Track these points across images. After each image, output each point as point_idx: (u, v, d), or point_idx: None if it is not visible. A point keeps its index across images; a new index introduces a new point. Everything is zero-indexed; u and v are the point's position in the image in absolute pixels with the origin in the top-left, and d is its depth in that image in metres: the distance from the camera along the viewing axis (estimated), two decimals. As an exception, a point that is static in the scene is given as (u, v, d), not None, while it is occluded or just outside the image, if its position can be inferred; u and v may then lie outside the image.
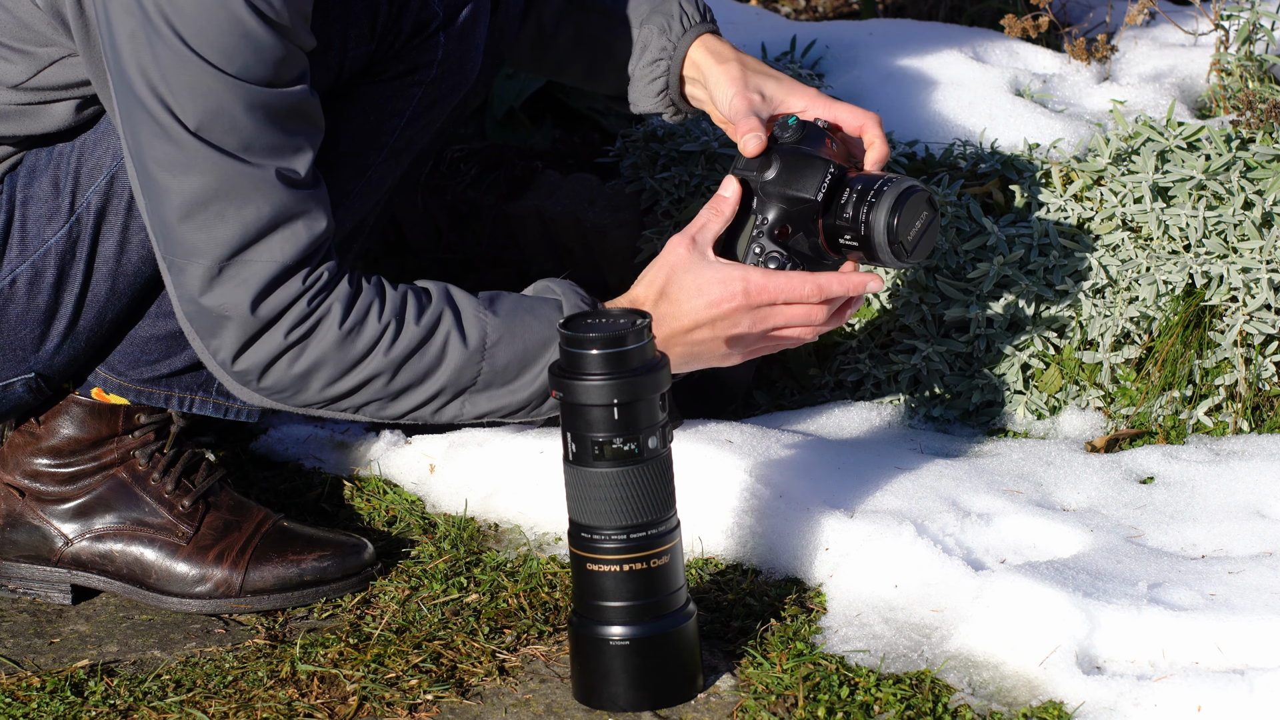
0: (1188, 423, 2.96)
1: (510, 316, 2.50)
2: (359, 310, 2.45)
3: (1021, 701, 2.36)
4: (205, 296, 2.42)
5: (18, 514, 2.73)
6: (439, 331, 2.48)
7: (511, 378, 2.50)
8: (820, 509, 2.69)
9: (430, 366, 2.48)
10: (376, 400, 2.50)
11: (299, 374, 2.46)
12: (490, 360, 2.49)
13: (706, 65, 2.72)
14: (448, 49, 2.60)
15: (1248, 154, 2.97)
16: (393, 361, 2.47)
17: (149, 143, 2.38)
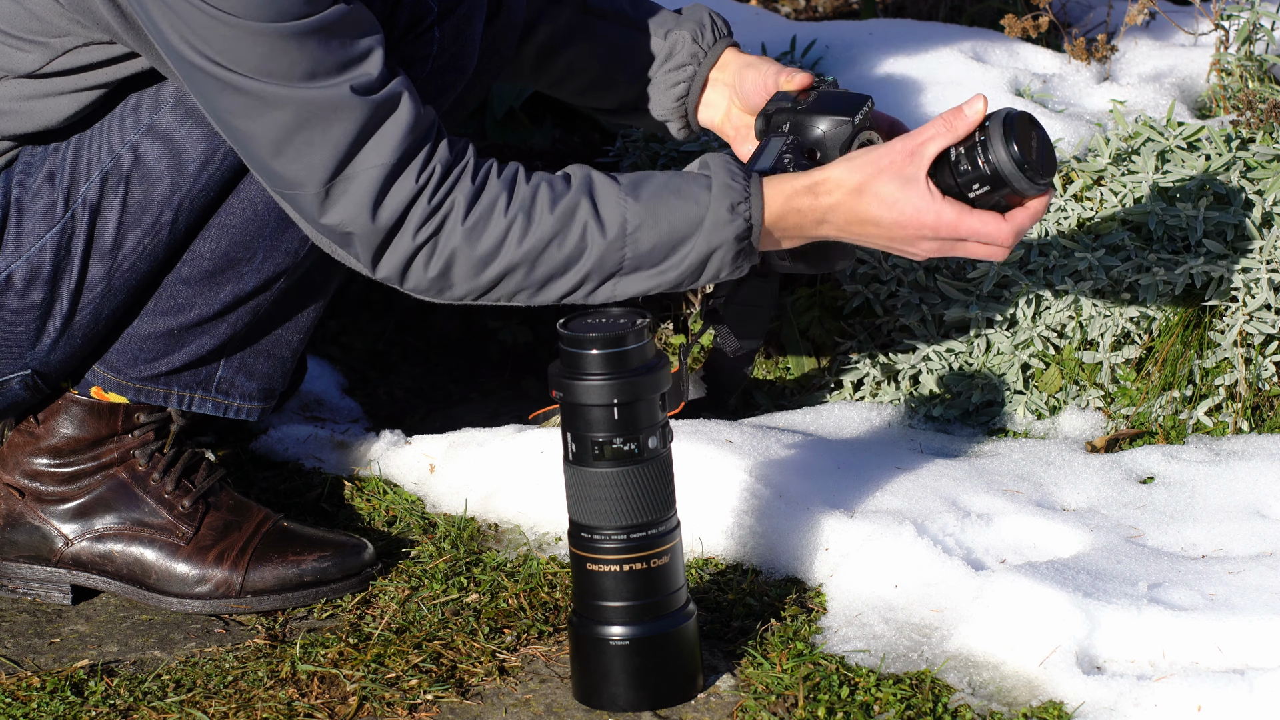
0: (1188, 423, 2.96)
1: (653, 200, 2.46)
2: (484, 205, 2.43)
3: (1021, 701, 2.36)
4: (324, 219, 2.42)
5: (18, 514, 2.73)
6: (575, 221, 2.45)
7: (659, 259, 2.47)
8: (820, 509, 2.69)
9: (570, 257, 2.45)
10: (524, 290, 2.48)
11: (437, 273, 2.45)
12: (634, 246, 2.45)
13: (737, 63, 2.77)
14: (443, 44, 2.60)
15: (1248, 154, 2.97)
16: (527, 254, 2.44)
17: (217, 98, 2.40)
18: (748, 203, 2.45)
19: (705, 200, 2.45)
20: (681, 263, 2.47)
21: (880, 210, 2.48)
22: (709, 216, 2.45)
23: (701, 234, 2.45)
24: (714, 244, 2.45)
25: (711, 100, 2.80)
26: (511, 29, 2.76)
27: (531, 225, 2.44)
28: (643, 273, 2.47)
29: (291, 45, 2.35)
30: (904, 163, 2.48)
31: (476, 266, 2.45)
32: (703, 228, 2.45)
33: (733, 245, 2.46)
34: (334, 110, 2.37)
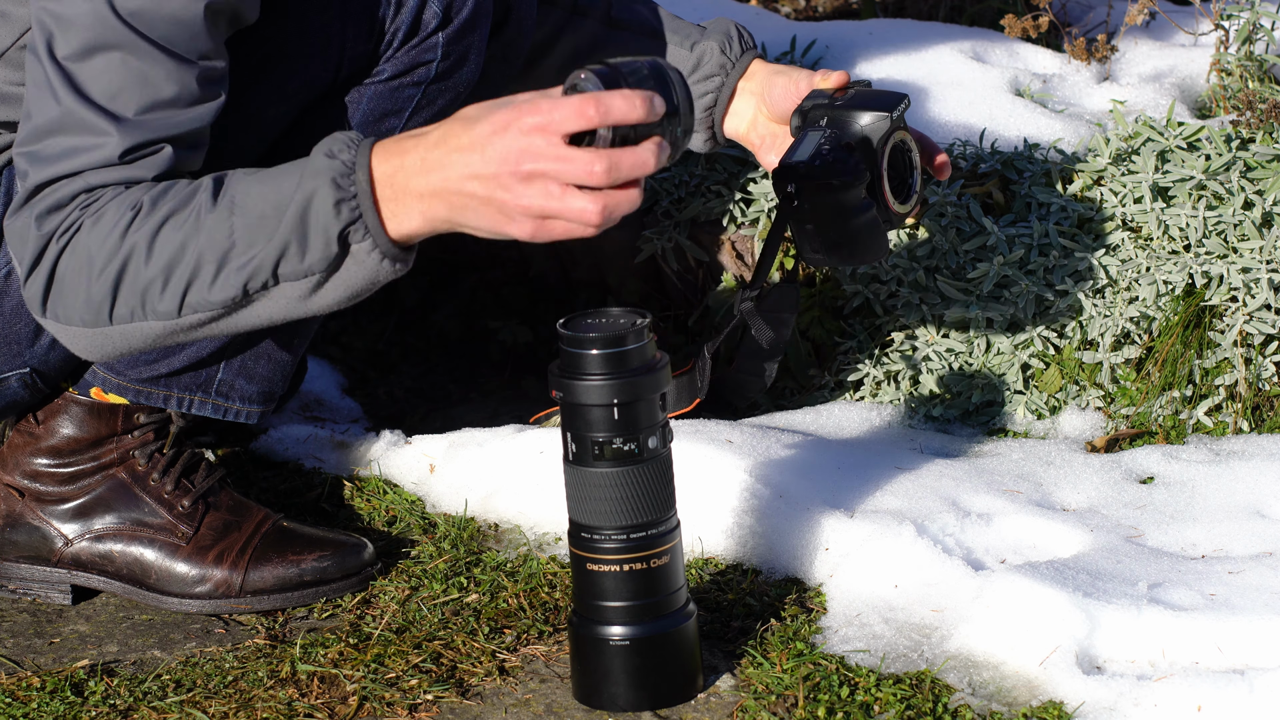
0: (1188, 423, 2.96)
1: (260, 174, 2.32)
2: (119, 199, 2.35)
3: (1021, 701, 2.36)
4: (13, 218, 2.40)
5: (17, 514, 2.73)
6: (192, 201, 2.33)
7: (268, 227, 2.28)
8: (820, 509, 2.69)
9: (186, 234, 2.31)
10: (151, 287, 2.33)
11: (71, 278, 2.35)
12: (242, 213, 2.30)
13: (765, 71, 2.77)
14: (446, 50, 2.60)
15: (1248, 154, 2.97)
16: (147, 234, 2.32)
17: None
18: (351, 149, 2.27)
19: (304, 162, 2.30)
20: (288, 224, 2.27)
21: (469, 128, 2.23)
22: (307, 166, 2.29)
23: (301, 183, 2.28)
24: (310, 190, 2.26)
25: (738, 110, 2.80)
26: (521, 38, 2.76)
27: (154, 209, 2.34)
28: (256, 247, 2.29)
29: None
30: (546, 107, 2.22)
31: (103, 262, 2.34)
32: (301, 179, 2.28)
33: (330, 190, 2.25)
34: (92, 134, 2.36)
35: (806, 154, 2.58)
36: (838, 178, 2.57)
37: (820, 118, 2.64)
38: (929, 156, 2.75)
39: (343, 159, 2.26)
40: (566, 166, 2.18)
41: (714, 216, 3.27)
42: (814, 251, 2.65)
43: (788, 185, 2.60)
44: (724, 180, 3.27)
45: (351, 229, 2.27)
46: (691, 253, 3.28)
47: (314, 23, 2.52)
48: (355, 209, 2.26)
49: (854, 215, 2.60)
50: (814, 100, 2.66)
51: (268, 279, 2.31)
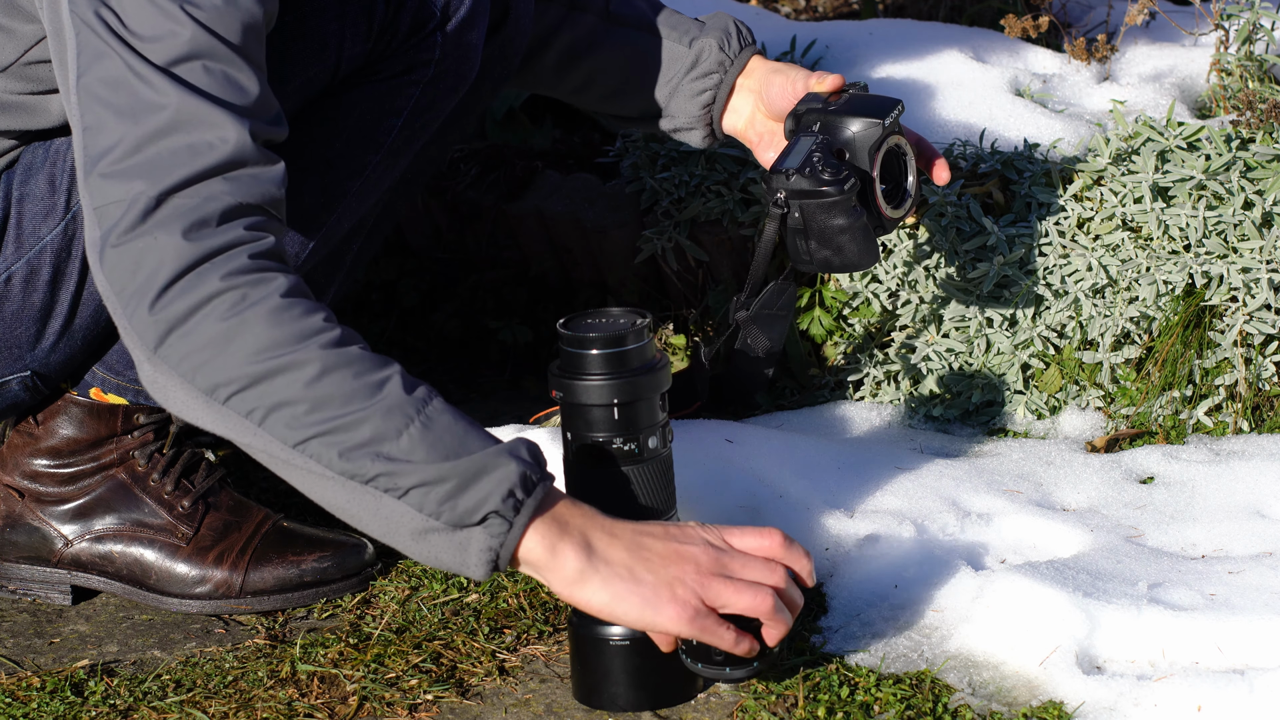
0: (1188, 423, 2.96)
1: (459, 411, 2.20)
2: (307, 301, 2.18)
3: (1021, 701, 2.36)
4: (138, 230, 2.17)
5: (17, 515, 2.73)
6: (384, 368, 2.18)
7: (439, 455, 2.14)
8: (820, 509, 2.69)
9: (359, 391, 2.15)
10: (290, 404, 2.14)
11: (220, 333, 2.13)
12: (424, 422, 2.15)
13: (764, 69, 2.78)
14: (445, 49, 2.60)
15: (1248, 154, 2.97)
16: (326, 360, 2.15)
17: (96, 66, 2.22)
18: (542, 471, 2.19)
19: (505, 439, 2.20)
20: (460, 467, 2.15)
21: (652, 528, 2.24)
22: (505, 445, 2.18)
23: (491, 451, 2.16)
24: (499, 462, 2.16)
25: (736, 106, 2.81)
26: (519, 36, 2.76)
27: (340, 343, 2.17)
28: (415, 458, 2.14)
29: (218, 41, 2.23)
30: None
31: (259, 348, 2.14)
32: (493, 449, 2.16)
33: (514, 476, 2.16)
34: (212, 126, 2.20)
35: (797, 161, 2.60)
36: (827, 186, 2.58)
37: (813, 122, 2.64)
38: (927, 161, 2.75)
39: (534, 476, 2.18)
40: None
41: (714, 216, 3.27)
42: (804, 258, 2.65)
43: (778, 192, 2.61)
44: (724, 180, 3.27)
45: (498, 517, 2.16)
46: (691, 253, 3.28)
47: (311, 24, 2.52)
48: (518, 507, 2.16)
49: (844, 223, 2.60)
50: (808, 104, 2.66)
51: (399, 488, 2.16)
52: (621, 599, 2.19)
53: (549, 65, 2.86)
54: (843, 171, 2.59)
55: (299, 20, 2.52)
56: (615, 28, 2.84)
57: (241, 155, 2.20)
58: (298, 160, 2.59)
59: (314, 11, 2.52)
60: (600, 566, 2.19)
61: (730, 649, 2.23)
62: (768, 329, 2.81)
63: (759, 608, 2.22)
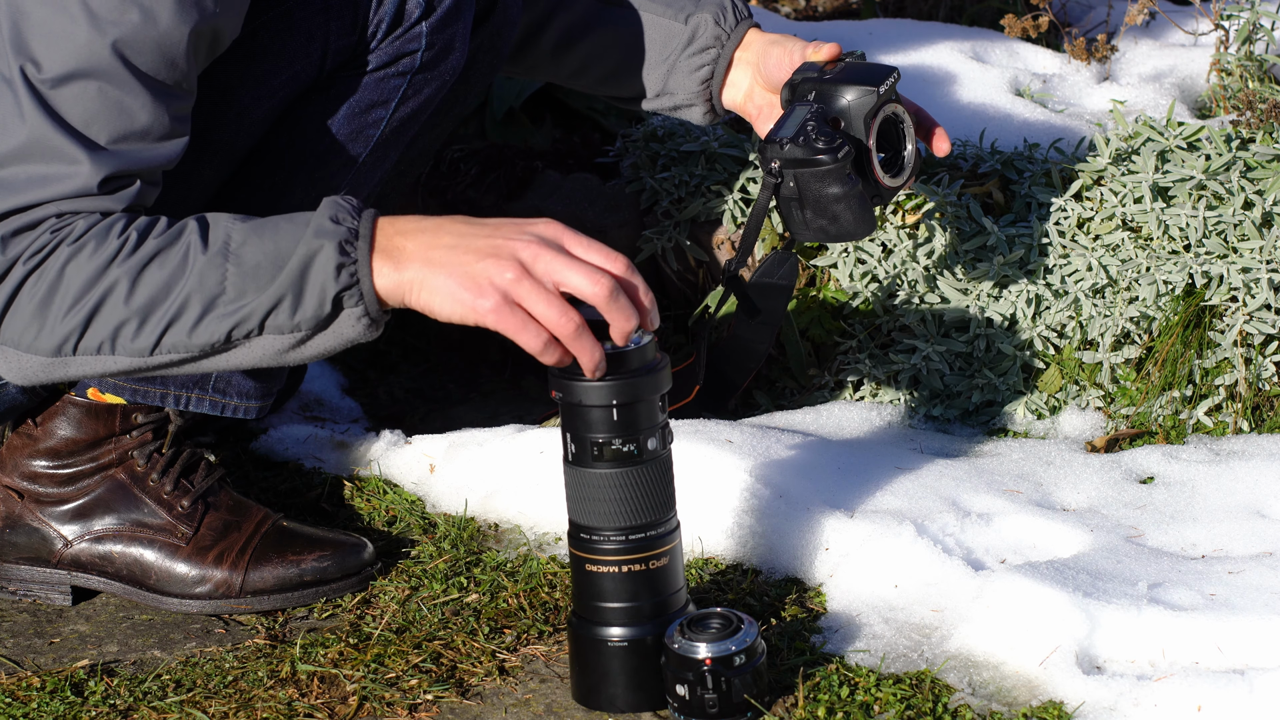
0: (1188, 423, 2.96)
1: (261, 223, 2.29)
2: (98, 228, 2.28)
3: (1021, 701, 2.36)
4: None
5: (17, 516, 2.73)
6: (179, 241, 2.27)
7: (265, 279, 2.26)
8: (820, 509, 2.69)
9: (171, 275, 2.27)
10: (126, 324, 2.28)
11: (38, 303, 2.28)
12: (236, 261, 2.26)
13: (761, 41, 2.77)
14: (430, 40, 2.60)
15: (1248, 154, 2.97)
16: (129, 271, 2.26)
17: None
18: (355, 216, 2.27)
19: (309, 218, 2.28)
20: (285, 279, 2.26)
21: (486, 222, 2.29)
22: (311, 225, 2.27)
23: (304, 241, 2.26)
24: (313, 249, 2.25)
25: (735, 80, 2.80)
26: (508, 27, 2.76)
27: (141, 243, 2.28)
28: (247, 298, 2.27)
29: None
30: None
31: (79, 288, 2.28)
32: (304, 237, 2.26)
33: (335, 252, 2.25)
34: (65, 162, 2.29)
35: (791, 130, 2.60)
36: (822, 154, 2.58)
37: (809, 91, 2.64)
38: (926, 131, 2.75)
39: (348, 225, 2.26)
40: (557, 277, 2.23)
41: (714, 216, 3.27)
42: (800, 227, 2.65)
43: (772, 162, 2.61)
44: (724, 180, 3.27)
45: (347, 293, 2.26)
46: (691, 253, 3.28)
47: (297, 18, 2.53)
48: (354, 275, 2.25)
49: (839, 191, 2.60)
50: (804, 73, 2.66)
51: (253, 329, 2.28)
52: (435, 292, 2.24)
53: (545, 50, 2.86)
54: (836, 140, 2.59)
55: (284, 15, 2.52)
56: (610, 8, 2.83)
57: (84, 193, 2.29)
58: (286, 155, 2.60)
59: (299, 5, 2.52)
60: (435, 268, 2.24)
61: (537, 354, 2.23)
62: (768, 299, 2.81)
63: (560, 326, 2.22)
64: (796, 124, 2.60)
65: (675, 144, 3.33)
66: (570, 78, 2.89)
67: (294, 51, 2.53)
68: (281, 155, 2.60)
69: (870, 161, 2.64)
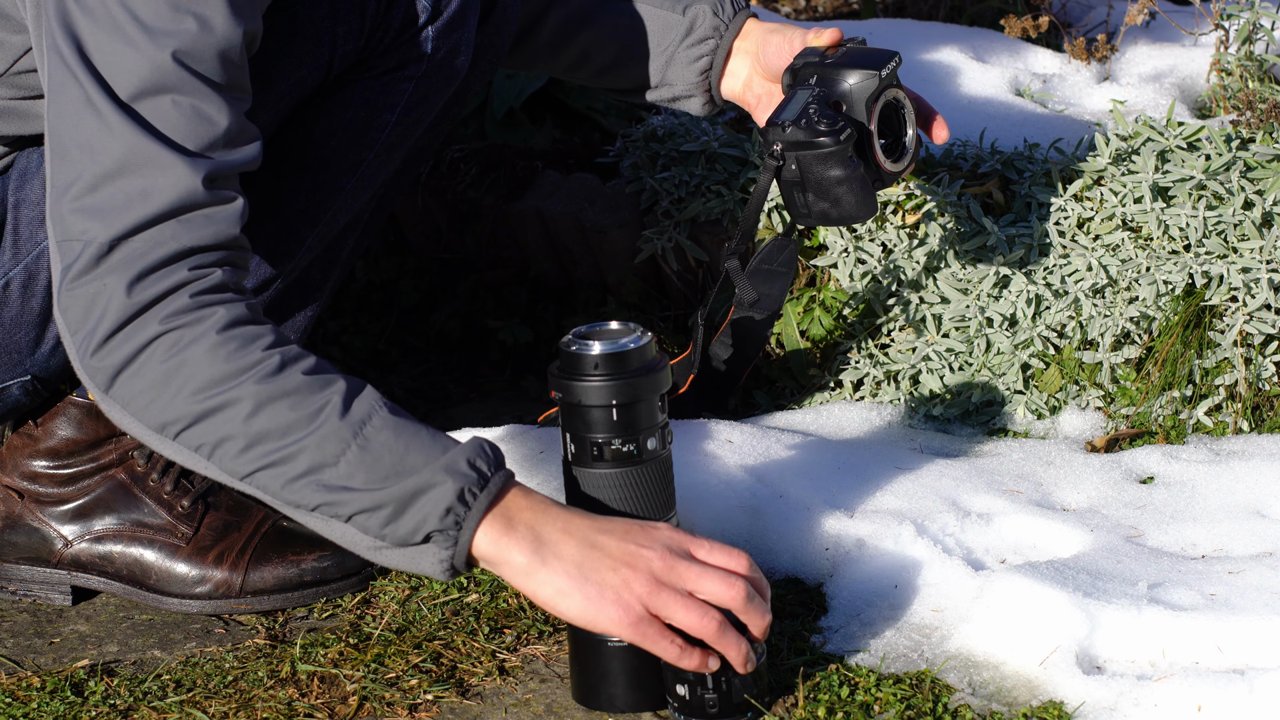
0: (1188, 423, 2.96)
1: (407, 422, 2.24)
2: (247, 330, 2.23)
3: (1021, 701, 2.36)
4: (89, 275, 2.23)
5: (17, 516, 2.73)
6: (321, 393, 2.21)
7: (378, 477, 2.20)
8: (820, 509, 2.69)
9: (296, 422, 2.20)
10: (230, 440, 2.20)
11: (162, 374, 2.21)
12: (362, 445, 2.20)
13: (760, 30, 2.77)
14: (436, 44, 2.60)
15: (1248, 154, 2.97)
16: (260, 395, 2.19)
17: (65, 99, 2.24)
18: (490, 470, 2.23)
19: (451, 446, 2.23)
20: (395, 491, 2.20)
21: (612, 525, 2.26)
22: (445, 457, 2.21)
23: (430, 467, 2.20)
24: (435, 481, 2.20)
25: (734, 70, 2.80)
26: (508, 24, 2.76)
27: (282, 371, 2.21)
28: (353, 483, 2.20)
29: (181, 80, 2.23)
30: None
31: (200, 386, 2.21)
32: (434, 463, 2.21)
33: (452, 493, 2.20)
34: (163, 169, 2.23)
35: (793, 113, 2.60)
36: (823, 137, 2.58)
37: (810, 76, 2.65)
38: (925, 119, 2.75)
39: (479, 473, 2.22)
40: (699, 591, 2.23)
41: (714, 216, 3.27)
42: (802, 210, 2.65)
43: (774, 144, 2.62)
44: (724, 180, 3.27)
45: (443, 535, 2.22)
46: (691, 253, 3.29)
47: (304, 22, 2.53)
48: (459, 523, 2.21)
49: (841, 174, 2.60)
50: (805, 58, 2.67)
51: (342, 515, 2.22)
52: (565, 595, 2.21)
53: (542, 43, 2.86)
54: (839, 122, 2.59)
55: (291, 19, 2.52)
56: (607, 1, 2.83)
57: (192, 199, 2.23)
58: (291, 159, 2.60)
59: (306, 9, 2.52)
60: (550, 560, 2.22)
61: (674, 661, 2.23)
62: (767, 285, 2.81)
63: (704, 629, 2.22)
64: (799, 107, 2.60)
65: (675, 144, 3.33)
66: (568, 70, 2.89)
67: (301, 55, 2.53)
68: (287, 157, 2.60)
69: (872, 145, 2.64)
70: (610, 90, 2.91)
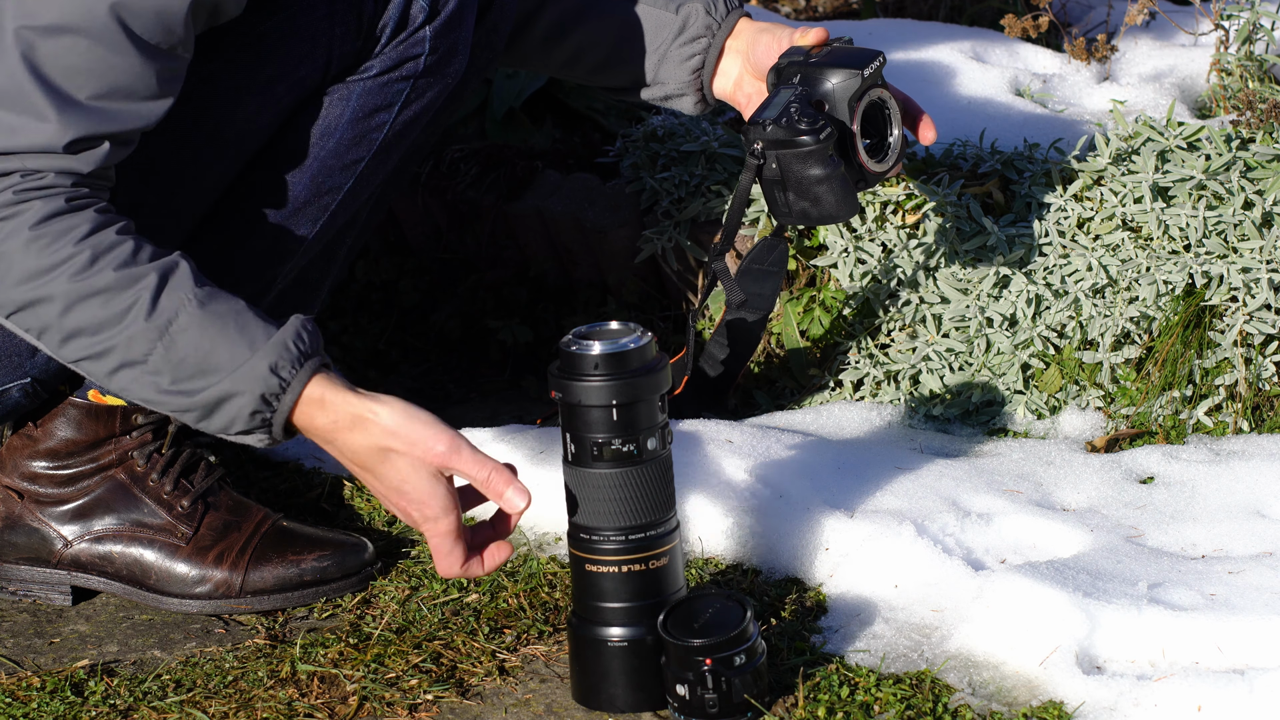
0: (1188, 423, 2.96)
1: (215, 317, 2.33)
2: (61, 223, 2.30)
3: (1021, 701, 2.36)
4: None
5: (17, 516, 2.73)
6: (130, 290, 2.31)
7: (183, 375, 2.32)
8: (820, 509, 2.69)
9: (107, 320, 2.31)
10: (50, 330, 2.33)
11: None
12: (167, 345, 2.31)
13: (751, 30, 2.77)
14: (434, 44, 2.60)
15: (1248, 154, 2.97)
16: (70, 294, 2.30)
17: None
18: (293, 371, 2.33)
19: (258, 346, 2.32)
20: (198, 391, 2.33)
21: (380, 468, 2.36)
22: (249, 363, 2.32)
23: (233, 375, 2.32)
24: (237, 389, 2.32)
25: (725, 69, 2.80)
26: (504, 21, 2.76)
27: (92, 268, 2.31)
28: (159, 379, 2.33)
29: None
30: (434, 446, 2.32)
31: (22, 275, 2.31)
32: (238, 370, 2.32)
33: (255, 400, 2.32)
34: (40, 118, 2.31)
35: (775, 112, 2.60)
36: (803, 136, 2.59)
37: (794, 75, 2.65)
38: (913, 120, 2.74)
39: (280, 383, 2.33)
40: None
41: (714, 216, 3.27)
42: (783, 209, 2.66)
43: (754, 143, 2.62)
44: (724, 180, 3.27)
45: (251, 432, 2.36)
46: (691, 253, 3.28)
47: (301, 23, 2.53)
48: (267, 421, 2.34)
49: (820, 173, 2.61)
50: (790, 57, 2.67)
51: (161, 407, 2.35)
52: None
53: (536, 41, 2.86)
54: (819, 121, 2.60)
55: (289, 19, 2.52)
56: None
57: (47, 150, 2.31)
58: (290, 159, 2.60)
59: (304, 10, 2.52)
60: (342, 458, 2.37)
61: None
62: (758, 285, 2.81)
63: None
64: (780, 106, 2.61)
65: (675, 144, 3.33)
66: (561, 68, 2.89)
67: (299, 56, 2.53)
68: (286, 158, 2.60)
69: (854, 145, 2.64)
70: (604, 88, 2.91)
